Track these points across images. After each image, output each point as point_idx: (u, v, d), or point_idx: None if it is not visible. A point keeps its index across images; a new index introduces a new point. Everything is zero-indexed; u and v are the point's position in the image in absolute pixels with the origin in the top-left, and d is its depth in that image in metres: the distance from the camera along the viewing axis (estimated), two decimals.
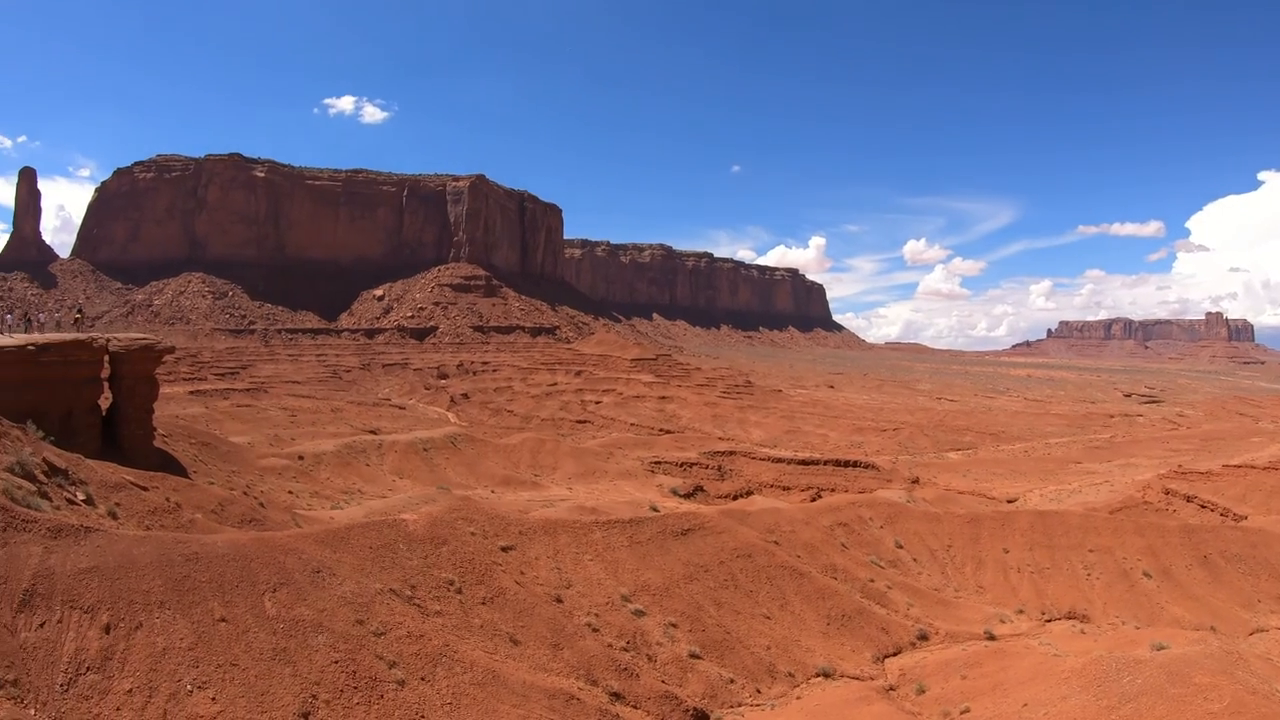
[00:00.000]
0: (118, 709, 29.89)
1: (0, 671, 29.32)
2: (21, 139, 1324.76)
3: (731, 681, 51.56)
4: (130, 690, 30.62)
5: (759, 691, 51.94)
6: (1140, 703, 40.80)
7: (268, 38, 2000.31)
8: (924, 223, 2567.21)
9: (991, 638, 63.16)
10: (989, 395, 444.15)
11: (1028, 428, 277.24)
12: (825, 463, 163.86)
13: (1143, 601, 75.48)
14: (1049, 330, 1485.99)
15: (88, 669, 30.66)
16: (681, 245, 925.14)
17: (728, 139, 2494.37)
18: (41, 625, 31.59)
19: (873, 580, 71.25)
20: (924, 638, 63.31)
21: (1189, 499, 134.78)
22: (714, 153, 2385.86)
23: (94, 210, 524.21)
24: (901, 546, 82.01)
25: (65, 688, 29.86)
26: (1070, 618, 72.13)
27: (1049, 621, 71.09)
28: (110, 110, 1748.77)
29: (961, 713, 46.92)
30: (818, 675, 55.31)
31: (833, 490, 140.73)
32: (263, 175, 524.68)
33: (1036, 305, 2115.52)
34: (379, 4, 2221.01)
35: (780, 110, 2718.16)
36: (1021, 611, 72.71)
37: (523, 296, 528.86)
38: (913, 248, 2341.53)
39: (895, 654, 60.72)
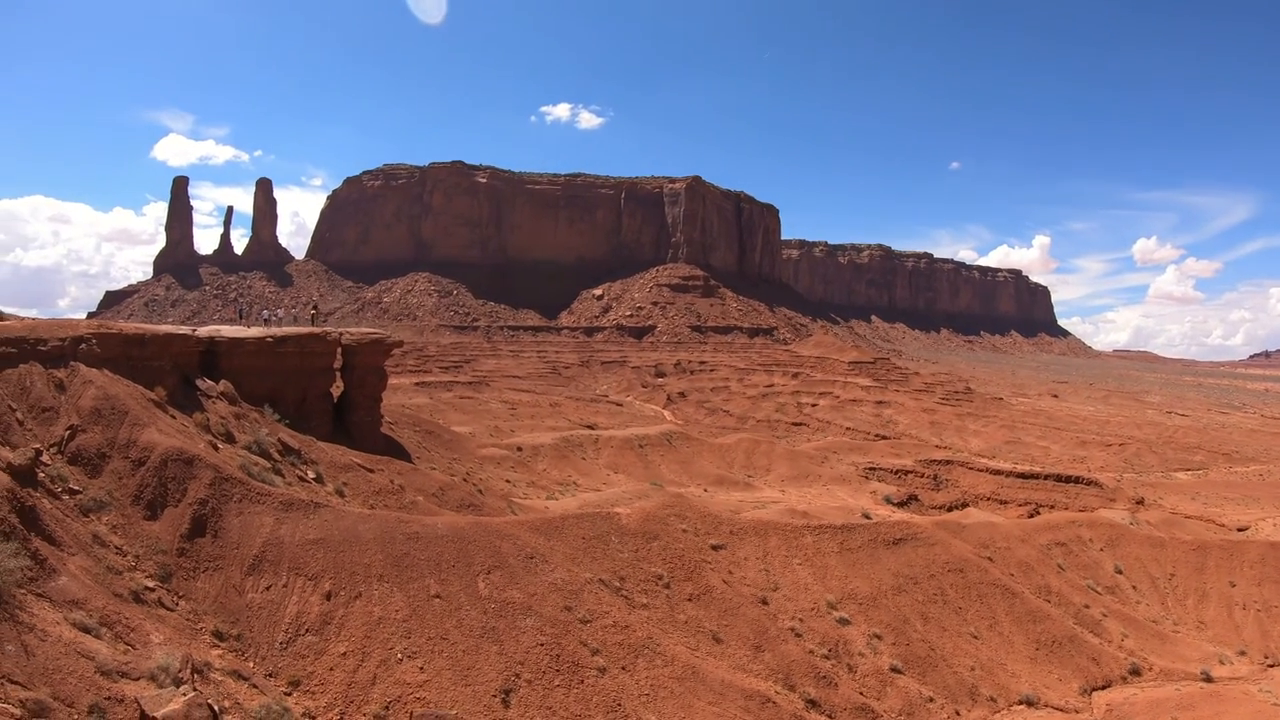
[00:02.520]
0: (331, 669, 31.14)
1: (225, 627, 31.11)
2: (258, 153, 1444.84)
3: (930, 700, 49.84)
4: (345, 653, 31.88)
5: (958, 714, 50.16)
6: None
7: (485, 51, 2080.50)
8: (1155, 219, 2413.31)
9: (1208, 679, 59.70)
10: (1223, 411, 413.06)
11: (1264, 448, 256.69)
12: (1045, 477, 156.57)
13: None
14: None
15: (307, 630, 32.12)
16: (900, 245, 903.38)
17: (946, 134, 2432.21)
18: (267, 588, 33.23)
19: (1088, 606, 67.78)
20: (1136, 673, 60.16)
21: None
22: (932, 149, 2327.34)
23: (326, 216, 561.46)
24: (1121, 572, 77.68)
25: (284, 646, 31.36)
26: None
27: (1271, 666, 66.34)
28: (338, 125, 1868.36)
29: None
30: (1020, 703, 53.26)
31: (1052, 507, 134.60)
32: (484, 181, 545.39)
33: (1277, 311, 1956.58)
34: (591, 14, 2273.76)
35: (1000, 103, 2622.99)
36: (1243, 653, 68.01)
37: (740, 297, 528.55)
38: (1143, 247, 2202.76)
39: (1104, 687, 57.97)
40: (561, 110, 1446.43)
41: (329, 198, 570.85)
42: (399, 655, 32.84)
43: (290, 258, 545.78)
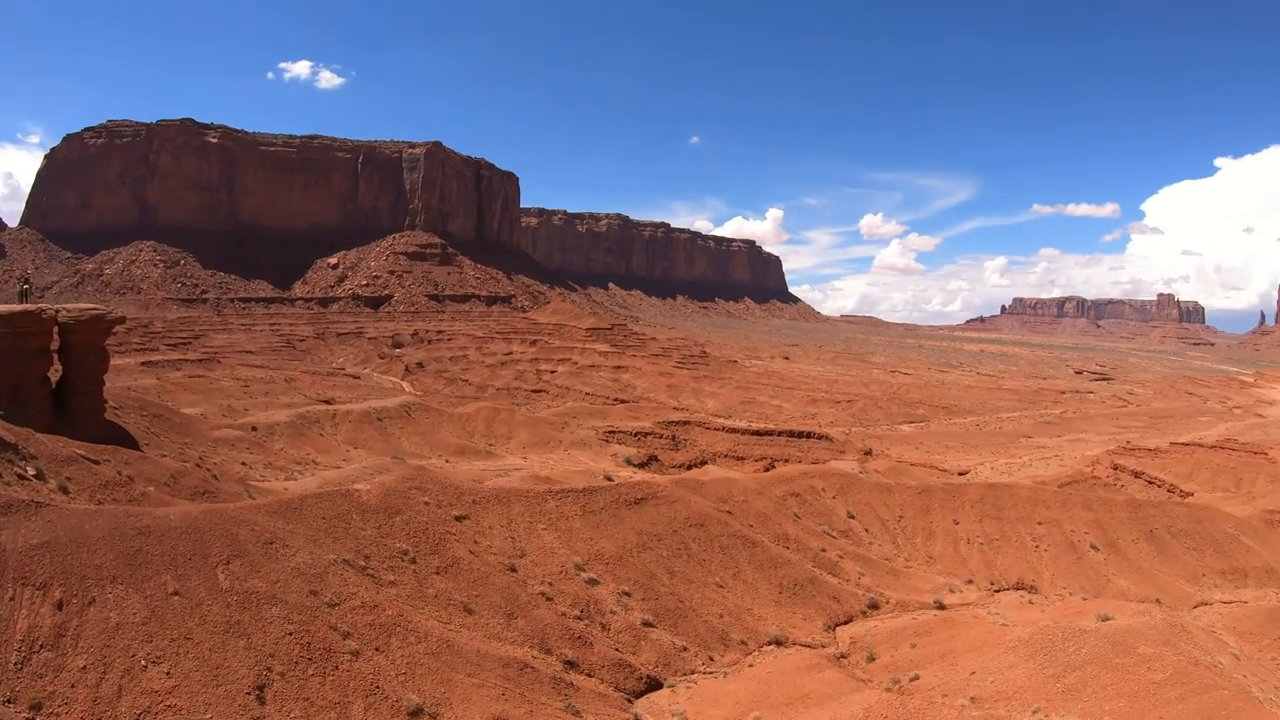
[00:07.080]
0: (72, 686, 29.75)
1: None
2: None
3: (685, 649, 52.05)
4: (84, 667, 30.49)
5: (712, 659, 52.46)
6: (1085, 672, 41.86)
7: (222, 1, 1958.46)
8: (882, 198, 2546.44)
9: (941, 607, 63.88)
10: (942, 369, 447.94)
11: (980, 402, 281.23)
12: (779, 434, 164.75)
13: (1089, 574, 76.78)
14: (1002, 307, 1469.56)
15: (41, 647, 30.46)
16: (639, 215, 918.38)
17: (686, 110, 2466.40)
18: None
19: (824, 550, 71.73)
20: (875, 607, 63.95)
21: (1137, 475, 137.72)
22: (672, 124, 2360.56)
23: (43, 178, 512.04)
24: (853, 517, 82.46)
25: (19, 666, 29.67)
26: (1019, 588, 73.05)
27: (998, 592, 71.91)
28: (59, 76, 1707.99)
29: (911, 680, 47.77)
30: (770, 643, 55.83)
31: (786, 461, 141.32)
32: (216, 141, 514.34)
33: (991, 282, 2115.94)
34: None
35: (740, 82, 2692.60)
36: (971, 582, 73.47)
37: (478, 265, 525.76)
38: (870, 222, 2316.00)
39: (846, 622, 61.30)
40: (301, 68, 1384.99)
41: (46, 157, 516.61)
42: (142, 662, 31.53)
43: (3, 225, 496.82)
